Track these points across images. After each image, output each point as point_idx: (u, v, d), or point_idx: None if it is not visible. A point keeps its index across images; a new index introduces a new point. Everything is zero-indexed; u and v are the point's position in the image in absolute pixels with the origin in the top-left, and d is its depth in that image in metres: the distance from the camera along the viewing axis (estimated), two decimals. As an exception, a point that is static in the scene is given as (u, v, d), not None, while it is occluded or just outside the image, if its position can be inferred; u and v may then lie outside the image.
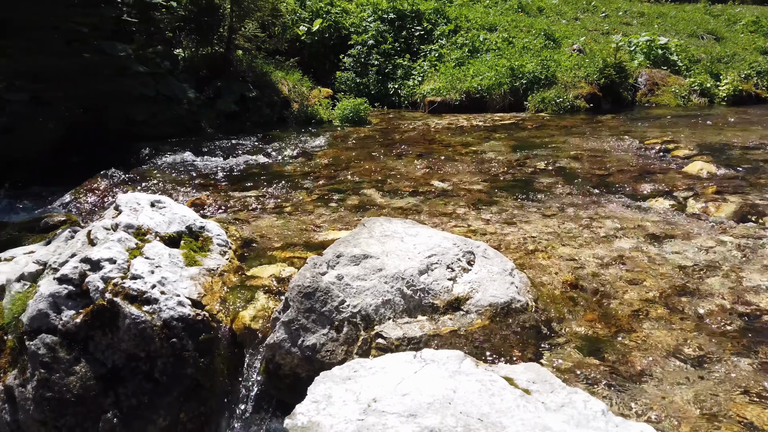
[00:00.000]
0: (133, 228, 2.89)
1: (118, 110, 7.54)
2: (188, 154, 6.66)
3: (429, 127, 7.84)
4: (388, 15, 11.16)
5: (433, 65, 10.44)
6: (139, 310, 2.45)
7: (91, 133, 7.48)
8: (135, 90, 7.55)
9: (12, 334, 2.53)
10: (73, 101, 7.15)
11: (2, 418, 2.48)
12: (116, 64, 7.30)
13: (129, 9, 8.87)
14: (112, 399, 2.41)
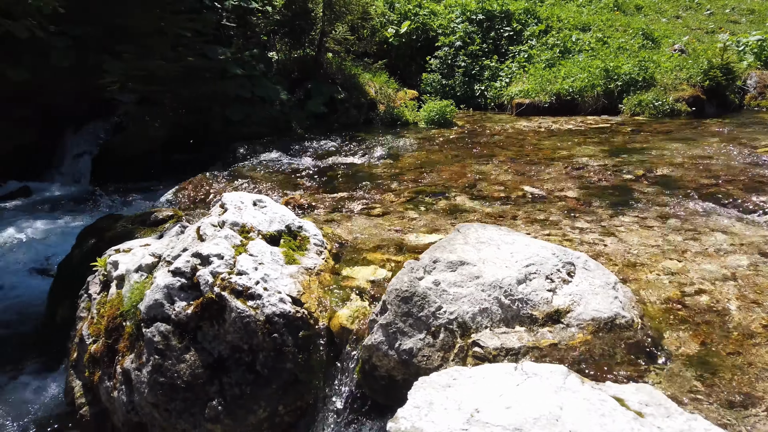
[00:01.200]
0: (238, 226, 3.04)
1: (217, 111, 7.94)
2: (280, 154, 6.91)
3: (517, 130, 7.68)
4: (476, 16, 11.04)
5: (522, 66, 10.22)
6: (244, 305, 2.58)
7: (193, 133, 7.94)
8: (232, 91, 7.93)
9: (130, 320, 2.74)
10: (178, 102, 7.61)
11: (120, 398, 2.69)
12: (217, 66, 7.70)
13: (228, 14, 9.33)
14: (217, 387, 2.55)
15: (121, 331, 2.78)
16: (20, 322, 4.33)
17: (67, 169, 8.05)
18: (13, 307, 4.54)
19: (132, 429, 2.68)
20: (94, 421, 2.90)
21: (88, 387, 2.96)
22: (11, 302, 4.64)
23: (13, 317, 4.41)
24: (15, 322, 4.32)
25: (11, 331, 4.19)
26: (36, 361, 3.66)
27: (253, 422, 2.52)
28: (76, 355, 3.04)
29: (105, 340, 2.79)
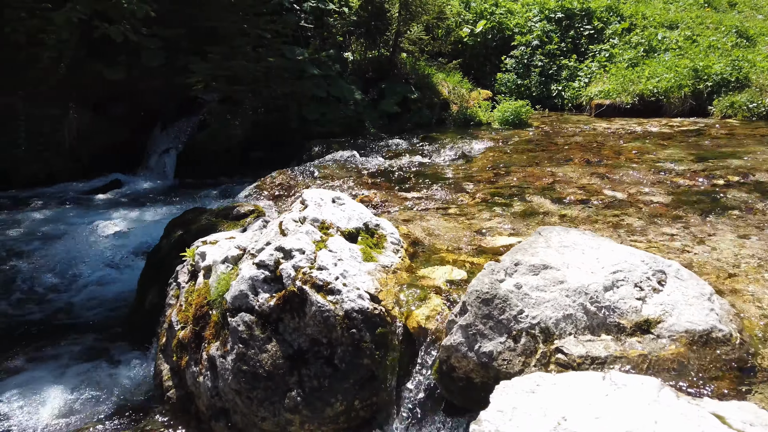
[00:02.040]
0: (318, 222, 3.11)
1: (294, 110, 8.16)
2: (354, 153, 7.01)
3: (596, 132, 7.41)
4: (555, 14, 10.75)
5: (603, 66, 9.85)
6: (324, 299, 2.63)
7: (270, 131, 8.20)
8: (309, 91, 8.13)
9: (216, 309, 2.86)
10: (257, 101, 7.88)
11: (205, 384, 2.81)
12: (295, 67, 7.91)
13: (306, 16, 9.56)
14: (296, 379, 2.62)
15: (207, 319, 2.91)
16: (112, 307, 4.62)
17: (154, 164, 8.52)
18: (106, 293, 4.86)
19: (215, 414, 2.80)
20: (180, 404, 3.05)
21: (175, 371, 3.12)
22: (105, 288, 4.96)
23: (106, 302, 4.71)
24: (108, 307, 4.61)
25: (104, 315, 4.48)
26: (127, 344, 3.90)
27: (330, 415, 2.57)
28: (165, 340, 3.21)
29: (192, 327, 2.93)
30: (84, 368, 3.66)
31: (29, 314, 4.50)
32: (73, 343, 4.02)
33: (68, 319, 4.44)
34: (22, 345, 3.99)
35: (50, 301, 4.75)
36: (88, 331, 4.23)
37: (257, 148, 8.26)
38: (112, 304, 4.69)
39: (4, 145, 7.91)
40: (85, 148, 8.26)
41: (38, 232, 6.08)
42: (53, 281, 5.05)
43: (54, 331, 4.23)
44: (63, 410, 3.23)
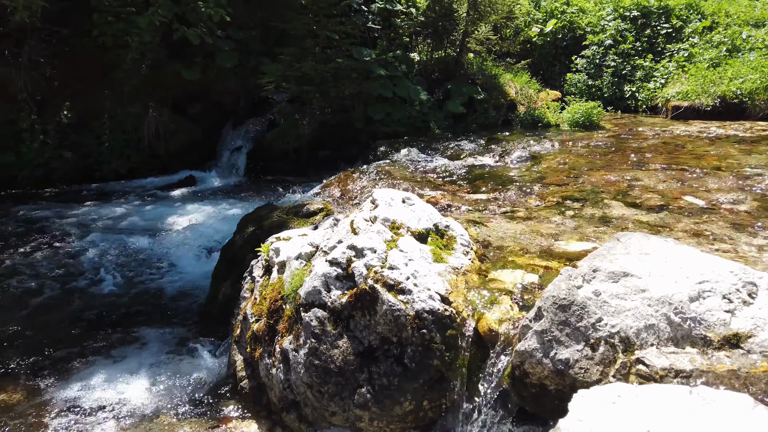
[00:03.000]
0: (388, 221, 3.14)
1: (360, 110, 8.26)
2: (419, 153, 7.01)
3: (674, 135, 7.09)
4: (630, 12, 10.36)
5: (681, 66, 9.40)
6: (395, 299, 2.65)
7: (337, 131, 8.33)
8: (375, 91, 8.19)
9: (290, 304, 2.94)
10: (325, 102, 8.03)
11: (277, 376, 2.90)
12: (363, 67, 7.99)
13: (374, 17, 9.64)
14: (366, 376, 2.66)
15: (281, 313, 2.99)
16: (188, 297, 4.83)
17: (226, 162, 8.85)
18: (182, 284, 5.09)
19: (287, 406, 2.88)
20: (252, 394, 3.16)
21: (249, 362, 3.23)
22: (180, 279, 5.20)
23: (182, 293, 4.94)
24: (184, 297, 4.83)
25: (181, 305, 4.70)
26: (202, 334, 4.07)
27: (398, 413, 2.59)
28: (239, 332, 3.33)
29: (267, 321, 3.03)
30: (162, 354, 3.85)
31: (112, 301, 4.77)
32: (152, 329, 4.24)
33: (148, 306, 4.68)
34: (107, 330, 4.24)
35: (131, 289, 5.03)
36: (165, 319, 4.44)
37: (324, 147, 8.42)
38: (187, 294, 4.91)
39: (91, 141, 8.44)
40: (162, 146, 8.68)
41: (120, 225, 6.45)
42: (134, 271, 5.34)
43: (135, 318, 4.47)
44: (144, 392, 3.41)
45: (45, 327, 4.30)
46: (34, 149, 8.12)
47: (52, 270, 5.30)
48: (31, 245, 5.84)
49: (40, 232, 6.19)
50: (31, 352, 3.89)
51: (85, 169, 8.44)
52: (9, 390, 3.45)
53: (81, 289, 4.98)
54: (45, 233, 6.17)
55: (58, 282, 5.07)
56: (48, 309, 4.60)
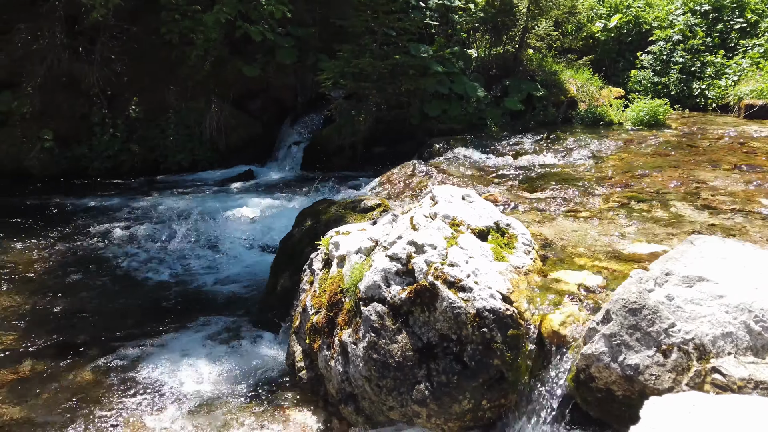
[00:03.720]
0: (449, 218, 3.11)
1: (416, 106, 8.24)
2: (476, 151, 6.94)
3: (747, 135, 6.72)
4: (701, 7, 9.88)
5: (755, 63, 8.90)
6: (456, 296, 2.63)
7: (392, 127, 8.34)
8: (432, 88, 8.15)
9: (349, 297, 2.97)
10: (381, 98, 8.05)
11: (336, 368, 2.93)
12: (420, 64, 7.97)
13: (432, 13, 9.59)
14: (425, 372, 2.65)
15: (340, 306, 3.02)
16: (247, 287, 4.96)
17: (283, 157, 9.02)
18: (240, 274, 5.22)
19: (345, 398, 2.90)
20: (310, 385, 3.21)
21: (307, 353, 3.28)
22: (239, 270, 5.34)
23: (241, 283, 5.07)
24: (243, 287, 4.96)
25: (240, 294, 4.83)
26: (261, 323, 4.16)
27: (457, 411, 2.57)
28: (299, 323, 3.39)
29: (326, 313, 3.06)
30: (222, 342, 3.96)
31: (175, 289, 4.95)
32: (212, 317, 4.37)
33: (208, 295, 4.83)
34: (170, 316, 4.40)
35: (192, 277, 5.20)
36: (225, 307, 4.57)
37: (379, 143, 8.45)
38: (246, 284, 5.03)
39: (157, 135, 8.78)
40: (223, 140, 8.93)
41: (183, 215, 6.67)
42: (196, 260, 5.52)
43: (195, 306, 4.62)
44: (205, 377, 3.52)
45: (112, 312, 4.50)
46: (105, 142, 8.52)
47: (118, 257, 5.54)
48: (99, 234, 6.13)
49: (108, 221, 6.49)
50: (100, 336, 4.08)
51: (150, 161, 8.80)
52: (81, 370, 3.64)
53: (144, 276, 5.19)
54: (113, 222, 6.47)
55: (123, 269, 5.30)
56: (115, 294, 4.81)
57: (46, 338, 4.02)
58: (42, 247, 5.69)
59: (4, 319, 4.24)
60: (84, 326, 4.24)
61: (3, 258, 5.39)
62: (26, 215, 6.63)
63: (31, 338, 4.01)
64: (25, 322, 4.24)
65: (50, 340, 4.00)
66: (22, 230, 6.14)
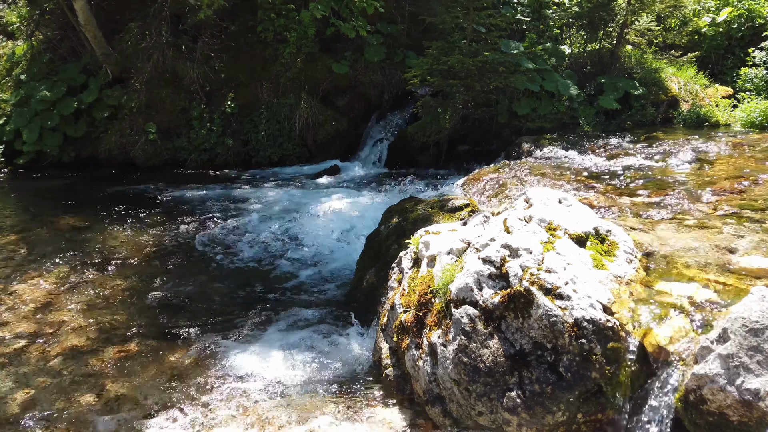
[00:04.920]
0: (545, 222, 3.01)
1: (504, 104, 8.06)
2: (567, 151, 6.68)
3: None
4: (826, -3, 8.97)
5: None
6: (552, 303, 2.54)
7: (478, 125, 8.21)
8: (522, 85, 7.93)
9: (440, 298, 2.94)
10: (468, 96, 7.94)
11: (424, 368, 2.92)
12: (510, 61, 7.78)
13: (523, 8, 9.33)
14: (516, 379, 2.58)
15: (430, 306, 3.00)
16: (332, 281, 5.06)
17: (368, 153, 9.12)
18: (328, 267, 5.33)
19: (432, 399, 2.89)
20: (396, 383, 3.22)
21: (394, 351, 3.29)
22: (325, 263, 5.45)
23: (326, 276, 5.18)
24: (328, 281, 5.06)
25: (326, 288, 4.93)
26: (346, 318, 4.23)
27: (549, 423, 2.48)
28: (386, 321, 3.40)
29: (415, 312, 3.05)
30: (310, 333, 4.06)
31: (263, 279, 5.13)
32: (299, 309, 4.48)
33: (295, 287, 4.97)
34: (259, 305, 4.57)
35: (280, 268, 5.37)
36: (311, 300, 4.68)
37: (464, 141, 8.35)
38: (332, 277, 5.13)
39: (249, 130, 9.15)
40: (311, 135, 9.16)
41: (273, 207, 6.92)
42: (283, 252, 5.70)
43: (283, 296, 4.77)
44: (293, 368, 3.62)
45: (207, 297, 4.74)
46: (202, 135, 8.98)
47: (212, 246, 5.82)
48: (195, 222, 6.47)
49: (204, 211, 6.84)
50: (198, 321, 4.30)
51: (243, 155, 9.19)
52: (180, 352, 3.85)
53: (234, 265, 5.41)
54: (208, 212, 6.81)
55: (215, 257, 5.56)
56: (209, 280, 5.06)
57: (150, 319, 4.30)
58: (145, 233, 6.08)
59: (114, 300, 4.58)
60: (183, 310, 4.49)
61: (112, 242, 5.82)
62: (131, 203, 7.12)
63: (136, 318, 4.30)
64: (132, 303, 4.55)
65: (153, 322, 4.26)
66: (127, 217, 6.59)
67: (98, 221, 6.42)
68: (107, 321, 4.24)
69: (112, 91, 8.91)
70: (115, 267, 5.22)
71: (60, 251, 5.52)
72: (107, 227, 6.24)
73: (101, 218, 6.52)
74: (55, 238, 5.91)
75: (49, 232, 6.10)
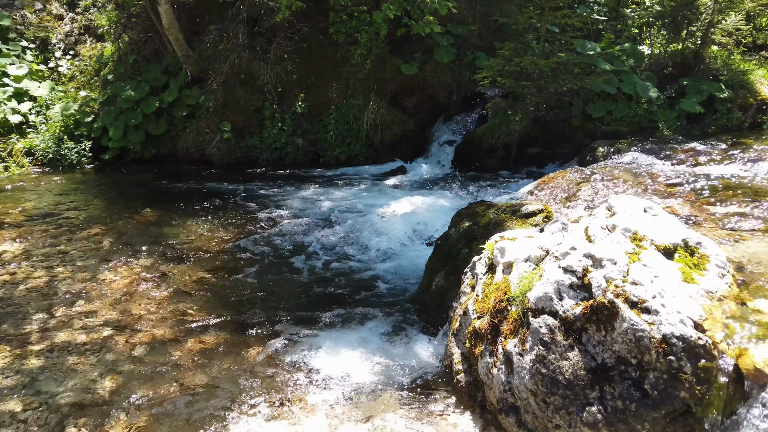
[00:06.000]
0: (629, 232, 2.89)
1: (578, 107, 7.83)
2: (646, 156, 6.42)
3: None
4: None
5: None
6: (638, 318, 2.44)
7: (550, 128, 8.01)
8: (598, 87, 7.68)
9: (516, 306, 2.89)
10: (540, 97, 7.76)
11: (498, 376, 2.87)
12: (586, 62, 7.55)
13: (600, 8, 9.03)
14: (597, 394, 2.49)
15: (505, 314, 2.95)
16: (399, 282, 5.06)
17: (435, 154, 9.09)
18: (393, 269, 5.35)
19: (506, 408, 2.84)
20: (467, 389, 3.19)
21: (466, 357, 3.26)
22: (391, 264, 5.47)
23: (393, 278, 5.19)
24: (395, 283, 5.07)
25: (393, 289, 4.94)
26: (415, 320, 4.23)
27: (632, 442, 2.39)
28: (458, 326, 3.38)
29: (490, 320, 3.01)
30: (379, 335, 4.08)
31: (331, 278, 5.20)
32: (367, 309, 4.52)
33: (362, 287, 5.01)
34: (328, 305, 4.63)
35: (348, 268, 5.43)
36: (379, 301, 4.71)
37: (534, 144, 8.17)
38: (398, 279, 5.14)
39: (318, 130, 9.32)
40: (378, 136, 9.23)
41: (341, 207, 7.02)
42: (350, 251, 5.77)
43: (351, 296, 4.82)
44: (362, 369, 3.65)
45: (278, 294, 4.86)
46: (273, 135, 9.23)
47: (281, 243, 5.96)
48: (266, 219, 6.66)
49: (274, 209, 7.02)
50: (270, 316, 4.42)
51: (311, 154, 9.38)
52: (254, 346, 3.97)
53: (304, 262, 5.52)
54: (278, 209, 6.99)
55: (286, 254, 5.69)
56: (280, 277, 5.19)
57: (225, 313, 4.45)
58: (219, 229, 6.31)
59: (192, 292, 4.78)
60: (255, 305, 4.62)
61: (189, 236, 6.08)
62: (206, 198, 7.41)
63: (212, 311, 4.47)
64: (208, 296, 4.73)
65: (228, 315, 4.41)
66: (202, 212, 6.87)
67: (176, 215, 6.72)
68: (186, 313, 4.43)
69: (190, 91, 9.30)
70: (191, 260, 5.44)
71: (141, 243, 5.81)
72: (184, 221, 6.52)
73: (178, 213, 6.82)
74: (137, 230, 6.23)
75: (132, 224, 6.44)
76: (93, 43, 10.97)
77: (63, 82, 10.35)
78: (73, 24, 11.09)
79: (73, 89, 10.14)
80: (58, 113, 9.39)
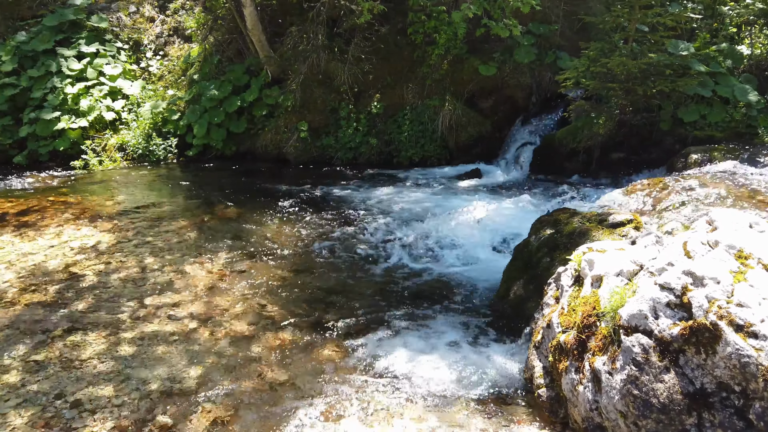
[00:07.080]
0: (734, 249, 2.70)
1: (668, 110, 7.42)
2: (744, 165, 5.99)
3: None
4: None
5: None
6: (744, 342, 2.27)
7: (636, 132, 7.64)
8: (691, 90, 7.25)
9: (606, 323, 2.76)
10: (626, 100, 7.42)
11: (584, 394, 2.76)
12: (679, 63, 7.14)
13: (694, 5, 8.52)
14: (695, 420, 2.34)
15: (593, 329, 2.83)
16: (475, 288, 4.98)
17: (511, 157, 8.88)
18: (468, 274, 5.27)
19: (592, 428, 2.72)
20: (549, 404, 3.08)
21: (549, 371, 3.16)
22: (467, 269, 5.40)
23: (469, 283, 5.11)
24: (471, 288, 4.99)
25: (469, 295, 4.86)
26: (491, 329, 4.14)
27: (735, 476, 2.22)
28: (540, 338, 3.27)
29: (577, 335, 2.90)
30: (454, 341, 4.03)
31: (406, 280, 5.19)
32: (442, 314, 4.48)
33: (437, 290, 4.97)
34: (402, 307, 4.62)
35: (421, 271, 5.40)
36: (455, 306, 4.65)
37: (619, 148, 7.80)
38: (474, 285, 5.06)
39: (393, 130, 9.35)
40: (453, 137, 9.14)
41: (416, 209, 7.00)
42: (427, 254, 5.74)
43: (426, 300, 4.79)
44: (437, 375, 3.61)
45: (353, 294, 4.90)
46: (348, 135, 9.35)
47: (357, 243, 6.01)
48: (341, 219, 6.74)
49: (350, 208, 7.10)
50: (345, 316, 4.46)
51: (385, 154, 9.42)
52: (329, 345, 4.02)
53: (379, 263, 5.54)
54: (353, 209, 7.06)
55: (361, 254, 5.74)
56: (355, 277, 5.23)
57: (301, 311, 4.54)
58: (296, 227, 6.46)
59: (270, 290, 4.91)
60: (331, 304, 4.68)
61: (267, 234, 6.25)
62: (284, 196, 7.60)
63: (289, 309, 4.57)
64: (285, 294, 4.85)
65: (304, 313, 4.50)
66: (279, 209, 7.04)
67: (254, 212, 6.94)
68: (264, 309, 4.55)
69: (270, 90, 9.57)
70: (269, 257, 5.59)
71: (222, 238, 6.04)
72: (262, 218, 6.71)
73: (257, 210, 7.04)
74: (219, 226, 6.48)
75: (214, 219, 6.71)
76: (181, 44, 11.52)
77: (153, 81, 10.94)
78: (163, 26, 11.68)
79: (162, 88, 10.69)
80: (147, 111, 9.94)
